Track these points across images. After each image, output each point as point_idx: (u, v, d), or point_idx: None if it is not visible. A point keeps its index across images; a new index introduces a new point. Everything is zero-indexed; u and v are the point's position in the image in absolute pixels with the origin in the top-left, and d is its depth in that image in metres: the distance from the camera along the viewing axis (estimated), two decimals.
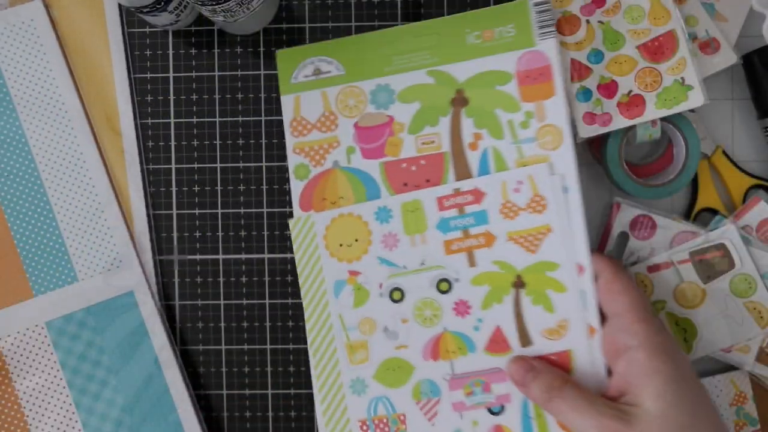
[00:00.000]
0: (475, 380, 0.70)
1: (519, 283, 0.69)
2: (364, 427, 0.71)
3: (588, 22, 0.69)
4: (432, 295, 0.70)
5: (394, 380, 0.71)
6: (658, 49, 0.69)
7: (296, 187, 0.72)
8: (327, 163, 0.72)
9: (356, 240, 0.71)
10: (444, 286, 0.70)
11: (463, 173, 0.71)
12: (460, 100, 0.71)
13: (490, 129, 0.70)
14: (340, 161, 0.72)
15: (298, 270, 0.72)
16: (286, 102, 0.72)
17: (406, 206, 0.70)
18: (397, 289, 0.71)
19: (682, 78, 0.68)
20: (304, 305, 0.72)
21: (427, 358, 0.70)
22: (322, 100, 0.72)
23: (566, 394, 0.63)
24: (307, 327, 0.71)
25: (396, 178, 0.71)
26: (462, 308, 0.70)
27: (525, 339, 0.69)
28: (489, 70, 0.70)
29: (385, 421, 0.71)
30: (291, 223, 0.72)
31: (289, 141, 0.72)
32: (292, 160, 0.72)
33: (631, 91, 0.69)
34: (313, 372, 0.72)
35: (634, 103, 0.68)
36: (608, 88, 0.69)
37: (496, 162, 0.70)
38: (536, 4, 0.70)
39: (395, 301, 0.71)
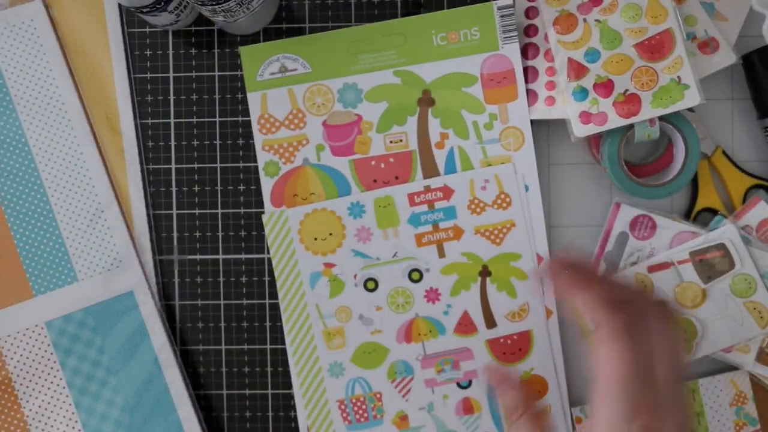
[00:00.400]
0: (445, 359, 0.74)
1: (485, 272, 0.74)
2: (342, 406, 0.75)
3: (585, 20, 0.69)
4: (404, 284, 0.74)
5: (369, 362, 0.74)
6: (654, 47, 0.68)
7: (266, 184, 0.75)
8: (297, 160, 0.74)
9: (330, 234, 0.74)
10: (415, 275, 0.74)
11: (430, 171, 0.74)
12: (426, 101, 0.74)
13: (456, 129, 0.74)
14: (310, 158, 0.74)
15: (274, 263, 0.75)
16: (253, 99, 0.74)
17: (378, 202, 0.74)
18: (371, 279, 0.74)
19: (679, 77, 0.68)
20: (280, 297, 0.74)
21: (401, 341, 0.74)
22: (289, 98, 0.74)
23: (517, 428, 0.65)
24: (284, 317, 0.75)
25: (366, 175, 0.74)
26: (432, 295, 0.74)
27: (490, 322, 0.74)
28: (455, 72, 0.73)
29: (362, 399, 0.74)
30: (264, 218, 0.74)
31: (258, 138, 0.75)
32: (262, 158, 0.75)
33: (627, 90, 0.68)
34: (290, 359, 0.75)
35: (630, 102, 0.68)
36: (604, 87, 0.69)
37: (462, 161, 0.74)
38: (500, 8, 0.72)
39: (370, 291, 0.74)
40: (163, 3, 0.68)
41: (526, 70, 0.73)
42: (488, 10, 0.72)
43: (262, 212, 0.75)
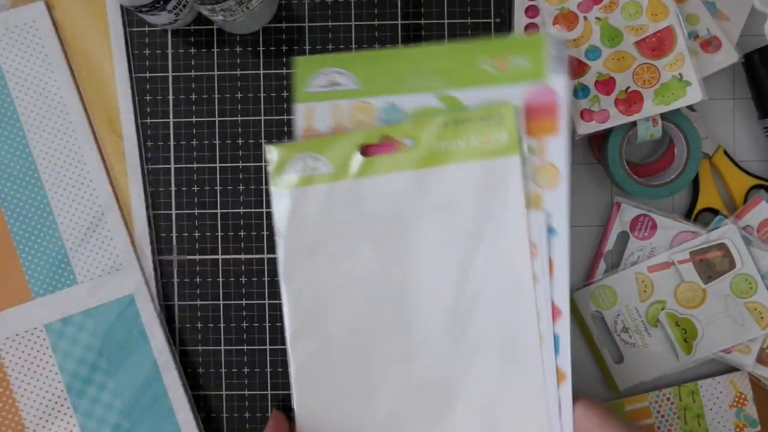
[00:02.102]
0: None
1: None
2: None
3: (586, 18, 0.69)
4: None
5: None
6: (656, 45, 0.68)
7: None
8: None
9: None
10: None
11: None
12: None
13: None
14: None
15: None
16: (299, 110, 0.72)
17: None
18: None
19: (680, 74, 0.68)
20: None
21: None
22: (333, 113, 0.72)
23: None
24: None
25: None
26: None
27: None
28: (498, 100, 0.70)
29: None
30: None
31: None
32: None
33: (628, 88, 0.68)
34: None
35: (632, 100, 0.68)
36: (606, 85, 0.69)
37: None
38: (553, 41, 0.70)
39: None
40: (162, 2, 0.68)
41: None
42: (540, 41, 0.69)
43: (262, 212, 0.75)
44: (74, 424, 0.75)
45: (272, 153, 0.69)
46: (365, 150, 0.70)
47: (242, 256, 0.76)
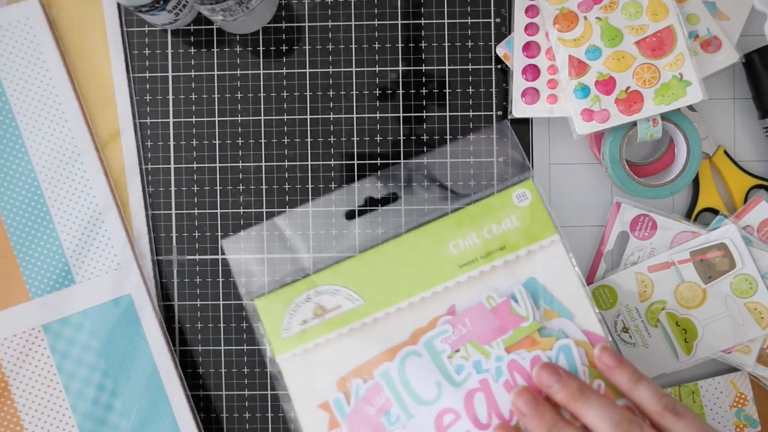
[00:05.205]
0: None
1: None
2: None
3: (586, 18, 0.69)
4: None
5: None
6: (656, 44, 0.68)
7: None
8: None
9: None
10: None
11: None
12: None
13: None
14: None
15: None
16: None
17: None
18: None
19: (681, 74, 0.68)
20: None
21: None
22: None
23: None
24: None
25: None
26: None
27: None
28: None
29: None
30: None
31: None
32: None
33: (629, 88, 0.68)
34: None
35: (632, 100, 0.68)
36: (606, 85, 0.69)
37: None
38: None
39: None
40: (162, 2, 0.68)
41: (527, 68, 0.72)
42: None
43: (262, 212, 0.75)
44: (73, 425, 0.74)
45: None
46: None
47: (242, 257, 0.76)
